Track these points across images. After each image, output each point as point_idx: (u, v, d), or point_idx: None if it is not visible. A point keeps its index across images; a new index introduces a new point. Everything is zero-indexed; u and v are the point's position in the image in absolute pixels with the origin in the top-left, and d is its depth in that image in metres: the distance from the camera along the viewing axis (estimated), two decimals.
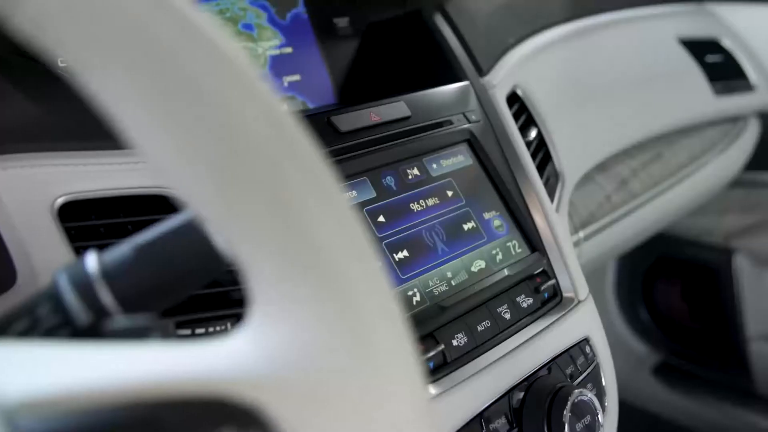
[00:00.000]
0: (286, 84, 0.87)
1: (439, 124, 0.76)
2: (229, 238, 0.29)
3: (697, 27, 1.38)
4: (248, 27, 0.86)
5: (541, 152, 0.90)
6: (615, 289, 1.74)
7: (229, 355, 0.30)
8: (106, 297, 0.34)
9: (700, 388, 1.64)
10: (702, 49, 1.34)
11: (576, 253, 0.96)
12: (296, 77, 0.88)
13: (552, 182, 0.88)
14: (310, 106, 0.89)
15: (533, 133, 0.89)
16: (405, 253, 0.67)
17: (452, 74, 0.86)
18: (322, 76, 0.91)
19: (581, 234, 0.97)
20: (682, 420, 1.63)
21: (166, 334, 0.34)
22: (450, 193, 0.74)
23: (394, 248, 0.66)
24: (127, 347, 0.27)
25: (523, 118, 0.90)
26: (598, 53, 1.12)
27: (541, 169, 0.88)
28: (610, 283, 1.74)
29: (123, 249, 0.38)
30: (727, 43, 1.40)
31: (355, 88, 0.93)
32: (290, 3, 0.90)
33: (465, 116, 0.79)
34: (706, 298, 1.64)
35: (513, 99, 0.91)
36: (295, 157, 0.29)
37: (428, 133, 0.75)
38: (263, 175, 0.28)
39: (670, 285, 1.69)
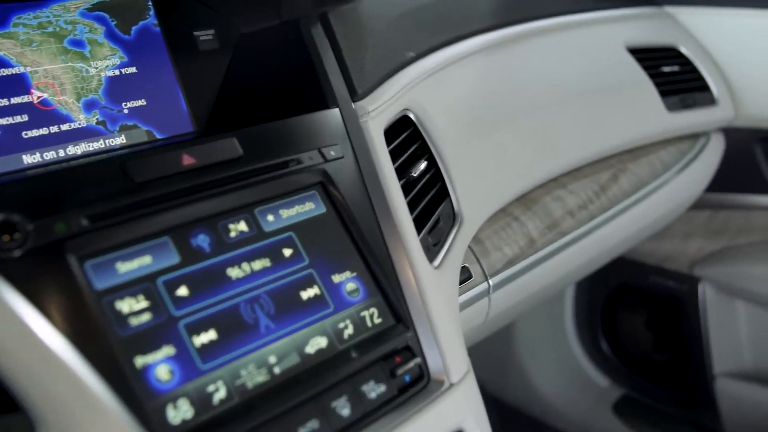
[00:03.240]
0: (126, 110, 0.73)
1: (283, 164, 0.62)
2: None
3: (653, 33, 1.23)
4: (78, 43, 0.72)
5: (435, 189, 0.76)
6: (574, 317, 1.59)
7: None
8: None
9: (665, 426, 1.50)
10: (657, 58, 1.20)
11: (482, 307, 0.82)
12: (141, 102, 0.75)
13: (443, 226, 0.74)
14: (159, 136, 0.75)
15: (422, 166, 0.75)
16: (212, 334, 0.53)
17: (322, 98, 0.72)
18: (175, 101, 0.77)
19: (490, 282, 0.83)
20: None
21: None
22: (288, 252, 0.60)
23: (196, 329, 0.53)
24: None
25: (413, 149, 0.76)
26: (524, 66, 0.98)
27: (430, 210, 0.74)
28: (569, 311, 1.60)
29: None
30: (686, 50, 1.26)
31: (220, 114, 0.79)
32: (137, 14, 0.76)
33: (321, 153, 0.65)
34: (669, 329, 1.49)
35: (404, 125, 0.78)
36: None
37: (265, 176, 0.61)
38: None
39: (632, 314, 1.55)
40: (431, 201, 0.75)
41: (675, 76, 1.21)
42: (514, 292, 0.87)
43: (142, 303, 0.51)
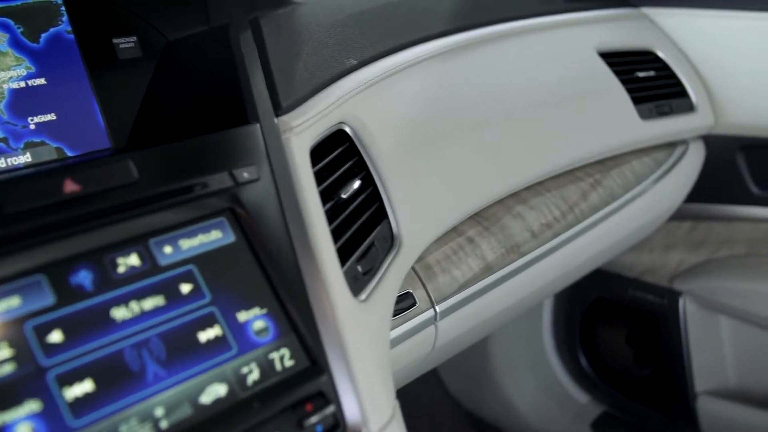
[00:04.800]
0: (32, 126, 0.67)
1: (187, 189, 0.56)
2: None
3: (627, 35, 1.17)
4: None
5: (370, 210, 0.70)
6: (552, 330, 1.53)
7: None
8: None
9: None
10: (632, 63, 1.14)
11: (428, 336, 0.76)
12: (50, 116, 0.69)
13: (377, 252, 0.68)
14: (70, 153, 0.69)
15: (355, 186, 0.69)
16: (87, 385, 0.47)
17: (243, 113, 0.66)
18: (90, 115, 0.71)
19: (437, 309, 0.77)
20: None
21: None
22: (187, 288, 0.54)
23: (68, 380, 0.47)
24: None
25: (347, 166, 0.70)
26: (481, 73, 0.91)
27: (363, 234, 0.68)
28: (546, 324, 1.53)
29: None
30: (663, 54, 1.19)
31: (143, 129, 0.73)
32: (48, 20, 0.70)
33: (232, 175, 0.59)
34: (649, 345, 1.43)
35: (338, 140, 0.72)
36: None
37: (164, 203, 0.55)
38: None
39: (611, 328, 1.49)
40: (365, 224, 0.69)
41: (650, 82, 1.14)
42: (466, 318, 0.81)
43: (5, 352, 0.45)
